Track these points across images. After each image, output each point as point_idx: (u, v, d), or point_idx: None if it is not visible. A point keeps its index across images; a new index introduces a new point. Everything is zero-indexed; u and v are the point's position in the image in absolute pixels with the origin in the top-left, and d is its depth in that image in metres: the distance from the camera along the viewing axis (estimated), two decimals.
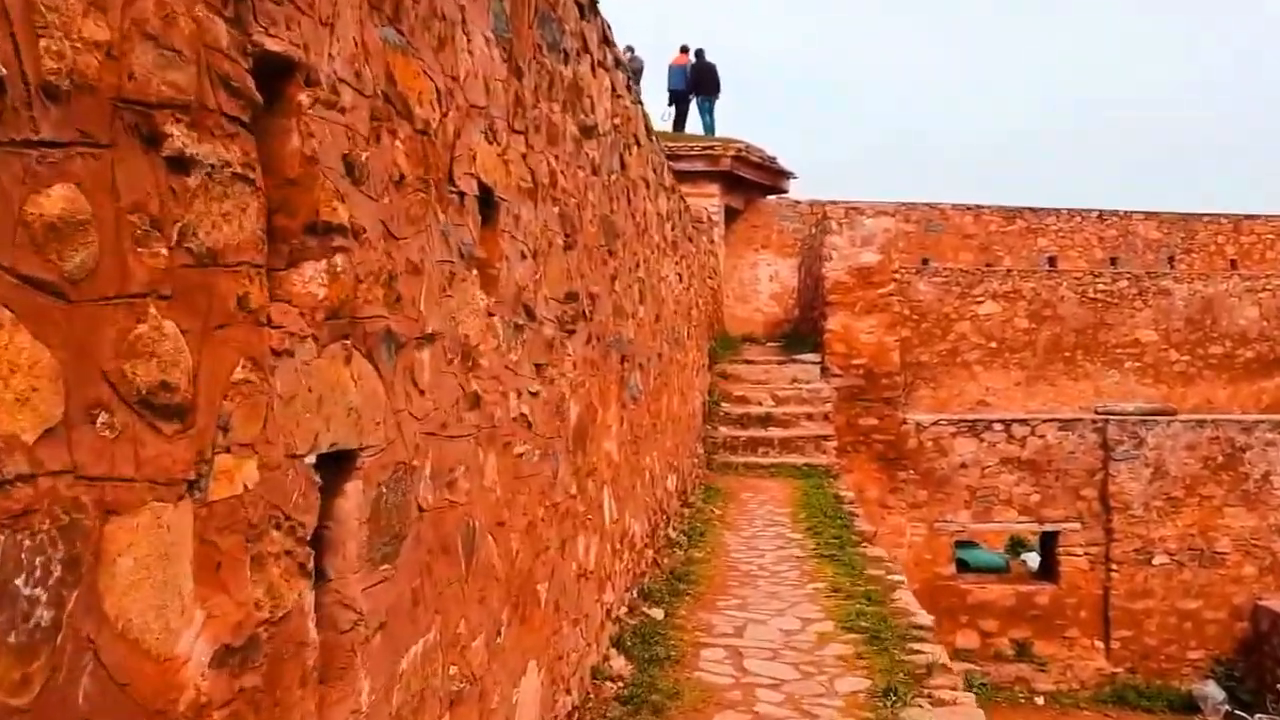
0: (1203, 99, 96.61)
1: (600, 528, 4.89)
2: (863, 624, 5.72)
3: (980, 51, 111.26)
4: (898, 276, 15.30)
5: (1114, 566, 14.41)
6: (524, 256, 3.51)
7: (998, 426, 14.72)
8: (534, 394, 3.62)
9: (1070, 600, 14.51)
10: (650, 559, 6.83)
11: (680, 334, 10.00)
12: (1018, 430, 14.65)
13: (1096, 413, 15.24)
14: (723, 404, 14.30)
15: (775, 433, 13.73)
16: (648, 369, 7.11)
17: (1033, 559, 17.43)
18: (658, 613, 5.74)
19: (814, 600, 6.35)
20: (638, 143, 6.73)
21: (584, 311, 4.61)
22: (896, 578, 6.92)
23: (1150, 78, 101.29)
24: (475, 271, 2.94)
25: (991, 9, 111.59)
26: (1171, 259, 26.36)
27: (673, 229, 9.52)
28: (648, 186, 7.33)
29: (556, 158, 4.11)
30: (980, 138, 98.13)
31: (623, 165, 6.09)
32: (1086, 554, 14.51)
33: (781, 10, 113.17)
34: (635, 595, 5.99)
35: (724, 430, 13.67)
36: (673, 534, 8.04)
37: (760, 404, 14.47)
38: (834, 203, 15.78)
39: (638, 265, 6.72)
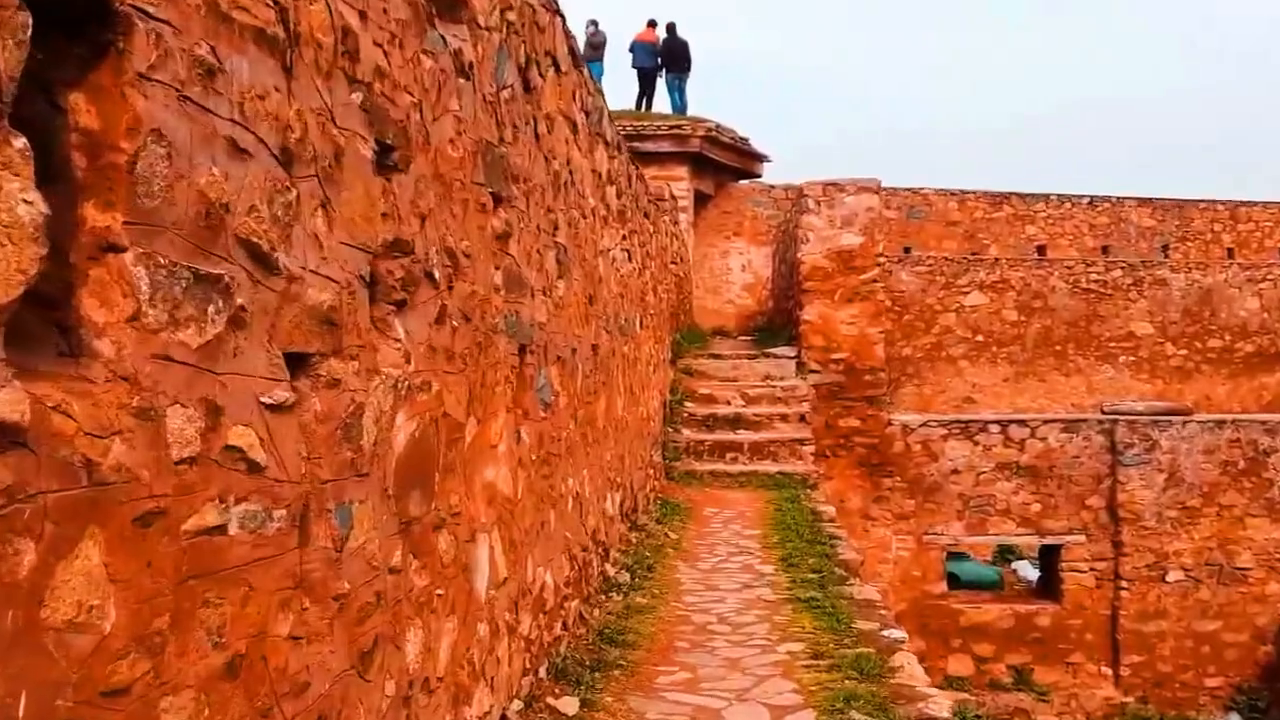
0: (1206, 97, 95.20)
1: (465, 602, 3.25)
2: (855, 716, 4.11)
3: (976, 48, 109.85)
4: (882, 261, 13.72)
5: (1123, 584, 12.91)
6: (242, 153, 1.87)
7: (994, 428, 13.17)
8: (278, 407, 1.99)
9: (1075, 622, 13.00)
10: (574, 614, 5.19)
11: (629, 322, 8.37)
12: (1016, 432, 13.11)
13: (1103, 412, 13.74)
14: (686, 403, 12.68)
15: (745, 436, 12.13)
16: (572, 364, 5.48)
17: (1024, 568, 15.97)
18: (570, 704, 4.10)
19: (788, 673, 4.73)
20: (556, 66, 5.09)
21: (430, 274, 2.97)
22: (895, 634, 5.32)
23: (1153, 76, 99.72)
24: (21, 143, 1.30)
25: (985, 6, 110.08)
26: (1166, 247, 24.99)
27: (619, 196, 7.89)
28: (574, 130, 5.69)
29: (363, 16, 2.47)
30: (975, 133, 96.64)
31: (528, 87, 4.46)
32: (1093, 570, 13.00)
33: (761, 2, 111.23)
34: (543, 675, 4.35)
35: (687, 433, 12.06)
36: (612, 570, 6.40)
37: (729, 403, 12.87)
38: (811, 181, 14.15)
39: (555, 227, 5.09)
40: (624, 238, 8.16)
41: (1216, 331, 21.79)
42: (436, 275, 3.03)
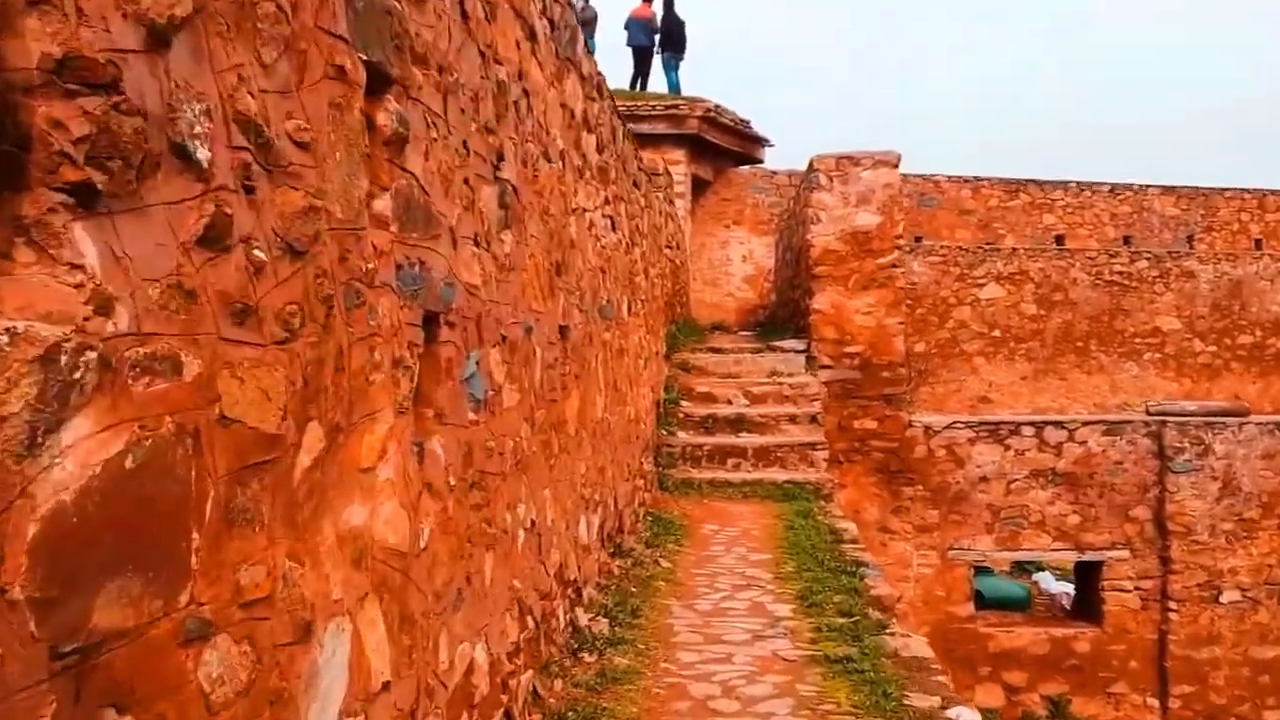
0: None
1: None
2: None
3: (974, 43, 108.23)
4: (901, 244, 12.29)
5: (1172, 605, 11.48)
6: None
7: (1027, 431, 11.73)
8: None
9: (1117, 647, 11.56)
10: (523, 693, 3.75)
11: (614, 305, 6.95)
12: (1052, 435, 11.67)
13: (1149, 413, 12.30)
14: (683, 402, 11.26)
15: (749, 439, 10.70)
16: (526, 347, 4.05)
17: (1046, 579, 14.55)
18: None
19: None
20: None
21: (184, 149, 1.54)
22: (965, 716, 3.90)
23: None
24: None
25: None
26: (1190, 238, 23.57)
27: (600, 150, 6.47)
28: (532, 38, 4.27)
29: None
30: (975, 128, 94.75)
31: None
32: (1138, 589, 11.57)
33: None
34: None
35: (683, 436, 10.63)
36: (585, 618, 4.96)
37: (730, 403, 11.43)
38: (823, 154, 12.67)
39: (500, 158, 3.66)
40: (607, 202, 6.73)
41: (1247, 327, 20.52)
42: (200, 156, 1.59)
